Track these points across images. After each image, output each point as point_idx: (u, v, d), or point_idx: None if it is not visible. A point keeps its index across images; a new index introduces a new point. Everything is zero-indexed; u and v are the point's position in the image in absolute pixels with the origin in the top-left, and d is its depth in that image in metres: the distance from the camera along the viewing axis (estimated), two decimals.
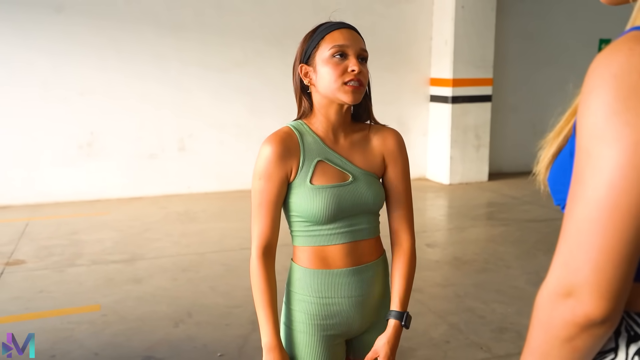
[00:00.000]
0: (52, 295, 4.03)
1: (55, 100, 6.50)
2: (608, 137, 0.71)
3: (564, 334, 0.76)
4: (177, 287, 4.18)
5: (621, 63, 0.72)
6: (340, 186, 1.56)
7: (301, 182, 1.55)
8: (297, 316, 1.62)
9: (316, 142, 1.58)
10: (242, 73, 7.08)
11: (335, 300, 1.60)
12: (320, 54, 1.54)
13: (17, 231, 5.52)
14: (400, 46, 7.63)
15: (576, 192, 0.74)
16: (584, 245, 0.72)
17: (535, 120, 8.22)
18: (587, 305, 0.72)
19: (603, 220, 0.71)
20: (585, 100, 0.74)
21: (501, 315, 3.68)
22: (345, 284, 1.59)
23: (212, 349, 3.26)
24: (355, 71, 1.50)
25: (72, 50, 6.49)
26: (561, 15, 8.23)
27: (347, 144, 1.62)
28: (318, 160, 1.56)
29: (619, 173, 0.70)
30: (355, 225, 1.59)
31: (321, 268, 1.59)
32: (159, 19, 6.73)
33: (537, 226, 5.68)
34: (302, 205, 1.54)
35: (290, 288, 1.65)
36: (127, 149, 6.81)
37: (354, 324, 1.64)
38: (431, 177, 7.92)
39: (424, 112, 7.89)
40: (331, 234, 1.57)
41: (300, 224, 1.59)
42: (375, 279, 1.65)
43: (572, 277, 0.73)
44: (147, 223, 5.81)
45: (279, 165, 1.53)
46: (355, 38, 1.55)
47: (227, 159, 7.13)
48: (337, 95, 1.52)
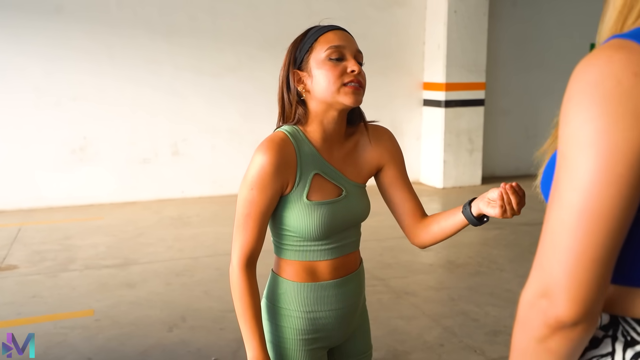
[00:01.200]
0: (45, 300, 4.02)
1: (48, 105, 6.48)
2: (582, 143, 0.72)
3: (537, 334, 0.77)
4: (170, 292, 4.17)
5: (600, 70, 0.73)
6: (335, 202, 1.50)
7: (297, 197, 1.47)
8: (283, 332, 1.56)
9: (312, 153, 1.50)
10: (235, 78, 7.09)
11: (321, 314, 1.56)
12: (314, 57, 1.47)
13: (10, 236, 5.49)
14: (393, 50, 7.65)
15: (553, 196, 0.76)
16: (557, 248, 0.74)
17: (527, 124, 8.26)
18: (558, 307, 0.74)
19: (575, 224, 0.72)
20: (565, 107, 0.76)
21: (495, 318, 3.69)
22: (331, 296, 1.56)
23: (206, 353, 3.26)
24: (356, 71, 1.44)
25: (65, 55, 6.47)
26: (553, 19, 8.28)
27: (341, 155, 1.56)
28: (315, 173, 1.49)
29: (591, 178, 0.71)
30: (345, 240, 1.56)
31: (308, 281, 1.54)
32: (152, 24, 6.72)
33: (531, 229, 5.69)
34: (296, 221, 1.48)
35: (274, 303, 1.57)
36: (121, 154, 6.80)
37: (336, 335, 1.61)
38: (425, 181, 7.94)
39: (417, 116, 7.91)
40: (322, 249, 1.52)
41: (290, 239, 1.52)
42: (357, 289, 1.62)
43: (547, 279, 0.75)
44: (140, 228, 5.80)
45: (275, 178, 1.44)
46: (350, 39, 1.51)
47: (221, 163, 7.13)
48: (336, 98, 1.44)
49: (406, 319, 3.66)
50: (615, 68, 0.72)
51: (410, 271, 4.54)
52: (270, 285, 1.60)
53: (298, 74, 1.50)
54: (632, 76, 0.71)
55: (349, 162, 1.57)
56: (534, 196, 1.10)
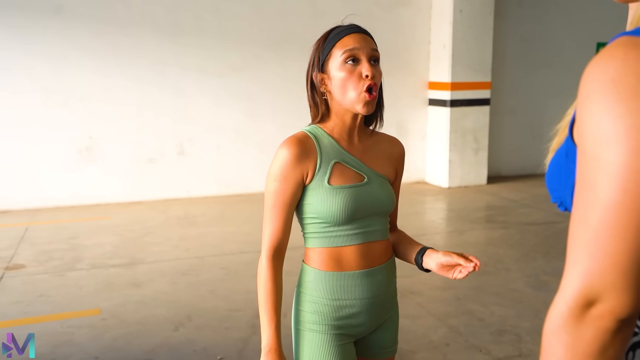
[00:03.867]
0: (52, 299, 4.04)
1: (54, 105, 6.51)
2: (615, 141, 0.71)
3: (597, 346, 0.73)
4: (176, 291, 4.18)
5: (618, 67, 0.72)
6: (357, 186, 1.58)
7: (318, 183, 1.56)
8: (309, 317, 1.62)
9: (332, 145, 1.60)
10: (240, 78, 7.10)
11: (347, 302, 1.60)
12: (333, 62, 1.56)
13: (17, 236, 5.52)
14: (399, 50, 7.65)
15: (586, 197, 0.74)
16: (606, 250, 0.71)
17: (533, 123, 8.25)
18: (617, 306, 0.71)
19: (623, 224, 0.71)
20: (585, 106, 0.75)
21: (500, 318, 3.69)
22: (357, 285, 1.60)
23: (212, 352, 3.27)
24: (369, 75, 1.52)
25: (72, 55, 6.50)
26: (559, 19, 8.26)
27: (360, 147, 1.64)
28: (335, 161, 1.58)
29: (631, 176, 0.70)
30: (369, 227, 1.61)
31: (334, 270, 1.59)
32: (158, 24, 6.74)
33: (536, 229, 5.69)
34: (320, 206, 1.55)
35: (301, 290, 1.65)
36: (127, 154, 6.82)
37: (364, 324, 1.65)
38: (430, 181, 7.93)
39: (422, 115, 7.91)
40: (347, 234, 1.58)
41: (315, 226, 1.59)
42: (386, 281, 1.66)
43: (597, 283, 0.72)
44: (146, 227, 5.81)
45: (296, 167, 1.54)
46: (366, 40, 1.57)
47: (226, 163, 7.15)
48: (353, 105, 1.54)
49: (411, 318, 3.66)
50: (633, 65, 0.72)
51: (416, 270, 4.50)
52: (300, 275, 1.67)
53: (321, 75, 1.59)
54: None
55: (370, 153, 1.65)
56: (537, 196, 1.11)
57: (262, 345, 1.56)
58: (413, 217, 6.22)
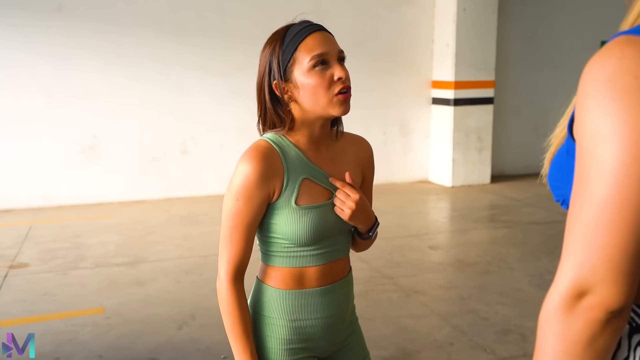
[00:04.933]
0: (55, 298, 4.04)
1: (57, 104, 6.52)
2: (608, 137, 0.73)
3: (586, 336, 0.76)
4: (180, 290, 4.19)
5: (614, 65, 0.75)
6: (325, 205, 1.47)
7: (285, 202, 1.44)
8: (267, 341, 1.51)
9: (299, 158, 1.47)
10: (243, 77, 7.09)
11: (307, 323, 1.51)
12: (298, 68, 1.42)
13: (21, 234, 5.53)
14: (402, 49, 7.64)
15: (582, 193, 0.76)
16: (597, 244, 0.74)
17: (537, 122, 8.23)
18: (606, 298, 0.73)
19: (614, 218, 0.73)
20: (582, 103, 0.77)
21: (504, 317, 3.68)
22: (318, 304, 1.51)
23: (215, 351, 3.27)
24: (343, 78, 1.40)
25: (75, 54, 6.51)
26: (562, 17, 8.24)
27: (328, 158, 1.52)
28: (303, 177, 1.46)
29: (623, 171, 0.72)
30: (335, 245, 1.52)
31: (294, 288, 1.49)
32: (160, 22, 6.74)
33: (540, 228, 5.68)
34: (285, 227, 1.44)
35: (257, 311, 1.53)
36: (130, 153, 6.83)
37: (324, 344, 1.56)
38: (433, 180, 7.92)
39: (426, 114, 7.90)
40: (311, 255, 1.48)
41: (278, 245, 1.48)
42: (346, 297, 1.57)
43: (588, 276, 0.74)
44: (150, 226, 5.82)
45: (261, 187, 1.41)
46: (330, 39, 1.45)
47: (229, 162, 7.13)
48: (327, 110, 1.42)
49: (415, 318, 3.66)
50: (629, 63, 0.74)
51: (420, 270, 4.54)
52: (254, 293, 1.56)
53: (283, 84, 1.45)
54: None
55: (337, 164, 1.54)
56: (540, 195, 1.11)
57: None
58: (416, 216, 6.22)
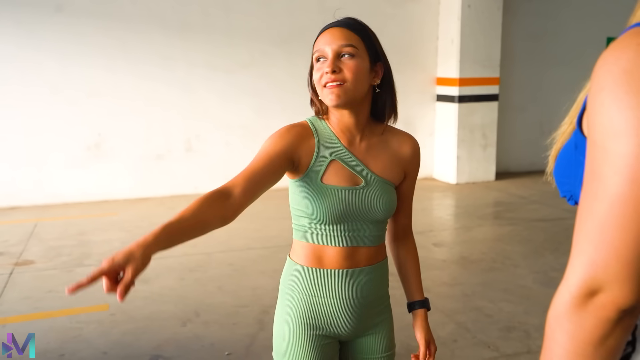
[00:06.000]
0: (60, 295, 4.05)
1: (63, 101, 6.54)
2: (624, 133, 0.70)
3: (597, 335, 0.74)
4: (184, 287, 4.19)
5: (630, 58, 0.72)
6: (351, 190, 1.51)
7: (312, 178, 1.51)
8: (286, 312, 1.59)
9: (332, 140, 1.54)
10: (248, 74, 7.10)
11: (324, 300, 1.56)
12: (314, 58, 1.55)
13: (26, 232, 5.55)
14: (407, 46, 7.63)
15: (594, 189, 0.74)
16: (610, 241, 0.71)
17: (542, 119, 8.20)
18: (618, 297, 0.72)
19: (628, 215, 0.70)
20: (597, 97, 0.74)
21: (509, 314, 3.68)
22: (336, 284, 1.55)
23: (219, 347, 3.27)
24: (328, 72, 1.47)
25: (80, 51, 6.52)
26: (568, 14, 8.21)
27: (364, 146, 1.57)
28: (332, 159, 1.52)
29: (638, 167, 0.69)
30: (358, 231, 1.54)
31: (315, 266, 1.56)
32: (165, 20, 6.75)
33: (545, 225, 5.66)
34: (308, 202, 1.51)
35: (282, 283, 1.64)
36: (135, 150, 6.84)
37: (344, 326, 1.59)
38: (438, 177, 7.91)
39: (430, 111, 7.88)
40: (332, 235, 1.53)
41: (302, 219, 1.56)
42: (371, 283, 1.59)
43: (600, 274, 0.72)
44: (154, 223, 5.76)
45: (285, 145, 1.48)
46: (336, 36, 1.49)
47: (234, 159, 7.13)
48: (323, 99, 1.51)
49: None
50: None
51: (424, 267, 4.50)
52: (284, 268, 1.65)
53: (310, 72, 1.57)
54: None
55: (375, 154, 1.58)
56: (546, 192, 1.10)
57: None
58: (421, 213, 6.21)
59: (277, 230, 5.23)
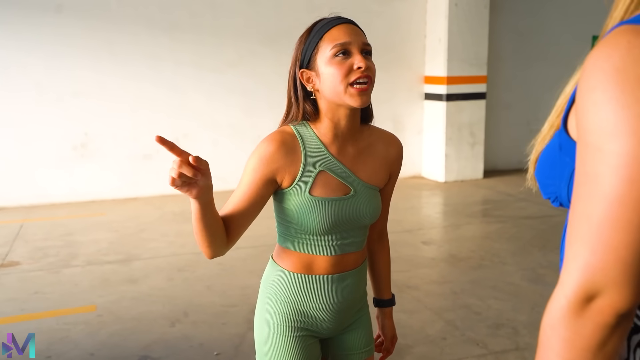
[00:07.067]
0: (47, 296, 4.02)
1: (49, 101, 6.48)
2: (619, 132, 0.68)
3: (596, 341, 0.72)
4: (173, 287, 4.17)
5: (622, 56, 0.70)
6: (340, 200, 1.48)
7: (299, 190, 1.46)
8: (270, 317, 1.56)
9: (319, 150, 1.47)
10: (236, 73, 7.08)
11: (312, 306, 1.55)
12: (321, 56, 1.42)
13: (12, 233, 5.50)
14: (394, 44, 7.63)
15: (589, 190, 0.71)
16: (608, 244, 0.70)
17: (529, 117, 8.24)
18: (617, 301, 0.70)
19: (627, 217, 0.69)
20: (588, 97, 0.72)
21: (497, 312, 3.69)
22: (323, 290, 1.54)
23: (208, 347, 3.26)
24: (362, 67, 1.38)
25: (66, 52, 6.47)
26: (554, 12, 8.25)
27: (353, 153, 1.52)
28: (319, 170, 1.46)
29: (636, 167, 0.68)
30: (346, 239, 1.53)
31: (301, 273, 1.53)
32: (152, 20, 6.71)
33: (533, 223, 5.69)
34: (297, 215, 1.47)
35: (268, 287, 1.59)
36: (122, 150, 6.80)
37: (328, 326, 1.59)
38: (426, 175, 7.93)
39: (418, 110, 7.90)
40: (322, 245, 1.51)
41: (288, 229, 1.53)
42: (355, 286, 1.59)
43: (598, 278, 0.70)
44: (142, 223, 5.80)
45: (269, 166, 1.45)
46: (356, 32, 1.44)
47: (222, 158, 7.11)
48: (343, 99, 1.41)
49: (408, 313, 3.66)
50: (638, 53, 0.70)
51: (413, 265, 4.54)
52: (267, 271, 1.62)
53: (307, 73, 1.46)
54: None
55: (362, 161, 1.54)
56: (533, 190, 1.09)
57: None
58: (409, 211, 6.22)
59: (266, 229, 5.18)
